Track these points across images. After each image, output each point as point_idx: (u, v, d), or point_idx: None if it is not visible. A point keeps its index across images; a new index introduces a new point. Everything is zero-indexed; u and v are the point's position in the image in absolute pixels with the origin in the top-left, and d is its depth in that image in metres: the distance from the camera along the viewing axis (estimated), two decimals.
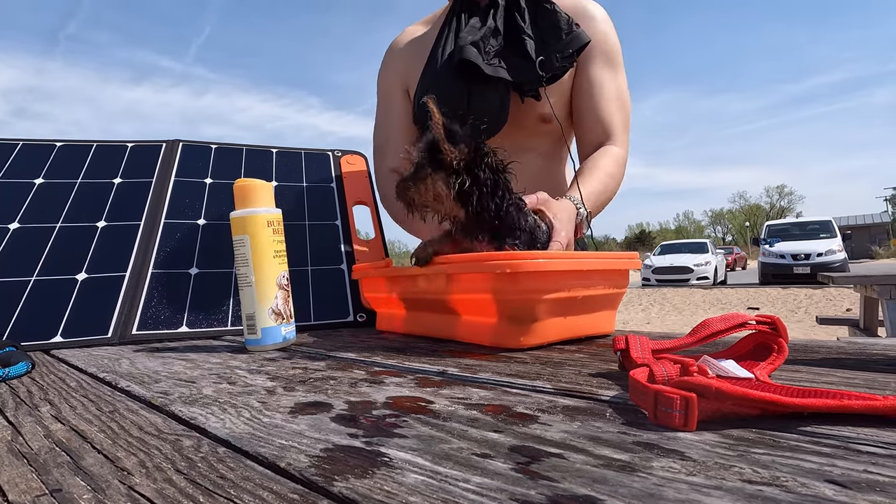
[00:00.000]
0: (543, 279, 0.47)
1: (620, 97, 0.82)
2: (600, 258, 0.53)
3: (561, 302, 0.49)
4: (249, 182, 0.59)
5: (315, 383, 0.39)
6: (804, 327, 4.86)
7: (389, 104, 0.94)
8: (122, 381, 0.43)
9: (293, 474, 0.22)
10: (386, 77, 0.95)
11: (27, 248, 0.72)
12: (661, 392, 0.25)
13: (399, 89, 0.93)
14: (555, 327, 0.50)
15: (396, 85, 0.93)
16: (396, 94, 0.93)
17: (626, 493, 0.18)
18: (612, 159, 0.80)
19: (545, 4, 0.76)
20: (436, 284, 0.56)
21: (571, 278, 0.50)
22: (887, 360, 0.38)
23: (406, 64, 0.91)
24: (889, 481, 0.18)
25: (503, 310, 0.49)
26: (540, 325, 0.49)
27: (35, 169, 0.83)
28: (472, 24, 0.77)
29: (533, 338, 0.49)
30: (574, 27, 0.75)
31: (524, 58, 0.74)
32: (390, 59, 0.95)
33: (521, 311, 0.48)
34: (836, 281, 2.96)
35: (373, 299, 0.70)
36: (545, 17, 0.76)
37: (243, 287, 0.57)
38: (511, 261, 0.46)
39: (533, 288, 0.47)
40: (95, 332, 0.65)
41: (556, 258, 0.48)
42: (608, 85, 0.81)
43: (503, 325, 0.50)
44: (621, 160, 0.81)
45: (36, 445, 0.27)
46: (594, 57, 0.81)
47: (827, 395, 0.25)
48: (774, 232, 11.23)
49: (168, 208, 0.82)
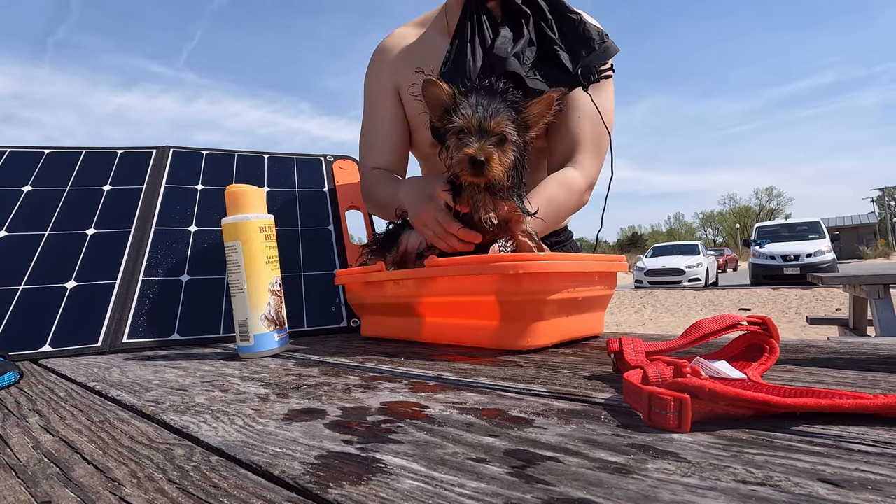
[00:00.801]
0: (547, 280, 0.48)
1: (594, 118, 0.81)
2: (595, 260, 0.54)
3: (563, 303, 0.50)
4: (241, 188, 0.58)
5: (309, 390, 0.39)
6: (795, 327, 4.91)
7: (377, 106, 0.94)
8: (112, 391, 0.42)
9: (287, 482, 0.22)
10: (375, 78, 0.94)
11: (15, 257, 0.72)
12: (654, 394, 0.26)
13: (389, 91, 0.93)
14: (556, 328, 0.51)
15: (387, 87, 0.93)
16: (386, 96, 0.93)
17: (621, 495, 0.18)
18: (561, 187, 0.79)
19: (570, 15, 0.76)
20: (429, 287, 0.56)
21: (573, 279, 0.50)
22: (877, 359, 0.38)
23: (396, 66, 0.91)
24: (881, 479, 0.18)
25: (506, 311, 0.49)
26: (542, 326, 0.49)
27: (23, 176, 0.82)
28: (503, 34, 0.76)
29: (536, 339, 0.49)
30: (605, 38, 0.75)
31: (560, 69, 0.74)
32: (380, 61, 0.94)
33: (524, 313, 0.49)
34: (825, 281, 2.99)
35: (357, 306, 0.69)
36: (571, 28, 0.76)
37: (235, 293, 0.57)
38: (517, 262, 0.46)
39: (538, 289, 0.47)
40: (85, 341, 0.64)
41: (559, 260, 0.49)
42: (586, 102, 0.81)
43: (506, 327, 0.50)
44: (576, 187, 0.80)
45: (24, 457, 0.27)
46: None
47: (818, 394, 0.25)
48: (764, 233, 11.36)
49: (159, 215, 0.81)
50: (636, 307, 7.72)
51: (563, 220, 0.83)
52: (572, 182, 0.80)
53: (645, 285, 11.46)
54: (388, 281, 0.60)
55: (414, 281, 0.57)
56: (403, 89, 0.90)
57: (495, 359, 0.47)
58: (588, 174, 0.82)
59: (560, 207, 0.79)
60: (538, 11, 0.77)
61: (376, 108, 0.93)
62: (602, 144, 0.83)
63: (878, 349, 0.41)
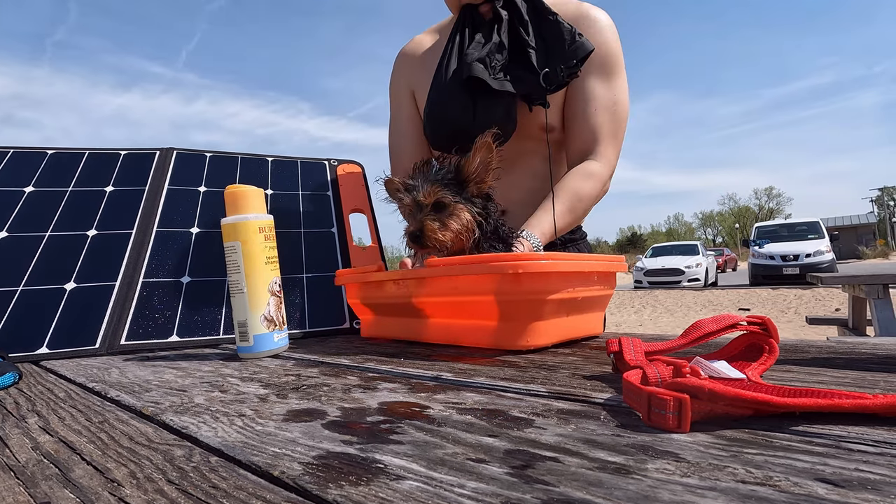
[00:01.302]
0: (547, 280, 0.48)
1: (611, 107, 0.83)
2: (595, 260, 0.54)
3: (563, 303, 0.50)
4: (240, 188, 0.58)
5: (308, 390, 0.39)
6: (794, 327, 4.91)
7: (399, 109, 0.98)
8: (111, 391, 0.42)
9: (287, 482, 0.22)
10: (395, 83, 0.99)
11: (15, 258, 0.71)
12: (654, 394, 0.26)
13: (406, 94, 0.97)
14: (557, 328, 0.51)
15: (403, 90, 0.97)
16: (404, 99, 0.97)
17: (621, 495, 0.18)
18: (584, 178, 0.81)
19: (549, 16, 0.77)
20: (428, 288, 0.56)
21: (573, 279, 0.50)
22: (876, 358, 0.38)
23: (412, 70, 0.95)
24: (880, 479, 0.19)
25: (505, 311, 0.49)
26: (543, 325, 0.49)
27: (25, 177, 0.82)
28: (476, 39, 0.79)
29: (537, 338, 0.49)
30: (577, 37, 0.76)
31: (529, 70, 0.76)
32: (399, 66, 0.99)
33: (524, 313, 0.49)
34: (824, 281, 2.99)
35: (357, 305, 0.69)
36: (549, 29, 0.77)
37: (235, 294, 0.57)
38: (516, 262, 0.46)
39: (538, 289, 0.48)
40: (82, 343, 0.64)
41: (558, 259, 0.49)
42: (600, 94, 0.82)
43: (505, 327, 0.50)
44: (598, 176, 0.82)
45: (23, 458, 0.27)
46: (590, 66, 0.81)
47: (818, 394, 0.25)
48: (763, 233, 11.36)
49: (161, 216, 0.81)
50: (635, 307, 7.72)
51: (587, 211, 0.85)
52: (594, 173, 0.82)
53: (644, 285, 11.52)
54: (388, 281, 0.61)
55: (413, 281, 0.57)
56: (418, 93, 0.94)
57: (495, 359, 0.47)
58: (610, 164, 0.84)
59: (582, 199, 0.81)
60: (517, 15, 0.79)
61: (397, 114, 0.98)
62: (619, 133, 0.85)
63: (878, 349, 0.41)
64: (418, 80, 0.92)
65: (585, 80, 0.82)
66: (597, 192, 0.83)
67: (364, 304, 0.67)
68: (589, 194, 0.81)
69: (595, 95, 0.82)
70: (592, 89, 0.82)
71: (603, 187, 0.84)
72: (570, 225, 0.81)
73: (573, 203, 0.80)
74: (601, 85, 0.83)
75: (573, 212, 0.80)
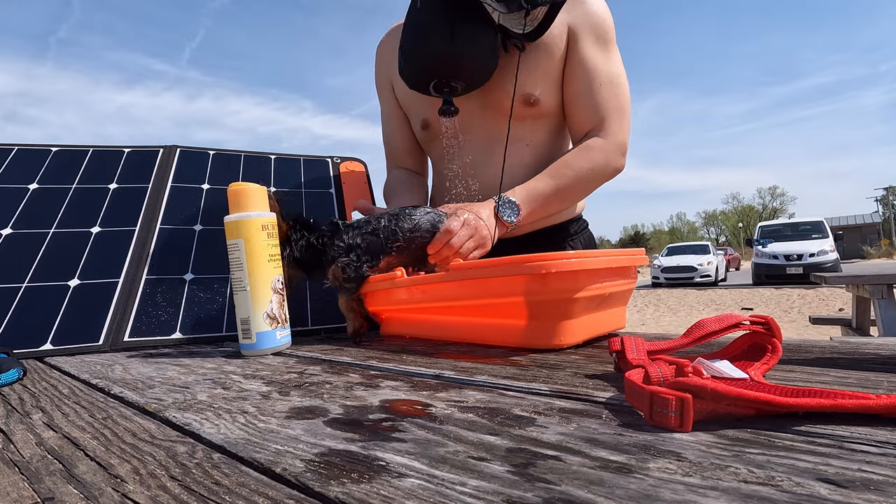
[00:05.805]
0: (575, 278, 0.47)
1: (613, 80, 0.80)
2: (620, 255, 0.53)
3: (592, 300, 0.50)
4: (243, 186, 0.59)
5: (310, 388, 0.39)
6: (797, 327, 4.89)
7: (383, 101, 0.97)
8: (115, 388, 0.42)
9: (289, 480, 0.22)
10: (376, 77, 0.98)
11: (19, 254, 0.72)
12: (656, 393, 0.26)
13: (388, 88, 0.96)
14: (586, 325, 0.51)
15: (384, 82, 0.96)
16: (385, 90, 0.96)
17: (622, 494, 0.18)
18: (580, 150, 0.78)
19: None
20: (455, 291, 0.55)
21: (600, 276, 0.50)
22: (880, 359, 0.38)
23: (389, 62, 0.92)
24: (883, 479, 0.18)
25: (535, 311, 0.49)
26: (573, 323, 0.49)
27: (30, 174, 0.82)
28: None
29: (569, 337, 0.49)
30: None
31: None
32: (378, 57, 0.97)
33: (554, 311, 0.48)
34: (828, 281, 2.98)
35: (379, 311, 0.67)
36: None
37: (238, 291, 0.57)
38: (544, 262, 0.46)
39: (566, 287, 0.47)
40: (86, 340, 0.65)
41: (586, 258, 0.48)
42: (601, 68, 0.79)
43: (536, 326, 0.50)
44: (598, 148, 0.79)
45: (28, 453, 0.27)
46: (586, 39, 0.79)
47: (821, 394, 0.25)
48: (767, 233, 11.32)
49: (164, 214, 0.82)
50: (638, 306, 7.71)
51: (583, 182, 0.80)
52: (592, 146, 0.79)
53: (661, 281, 12.60)
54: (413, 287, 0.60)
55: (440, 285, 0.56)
56: (395, 83, 0.93)
57: (497, 357, 0.47)
58: (616, 138, 0.80)
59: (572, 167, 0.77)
60: None
61: (383, 107, 0.98)
62: (625, 106, 0.81)
63: (881, 349, 0.41)
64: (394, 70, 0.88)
65: (586, 54, 0.79)
66: (594, 165, 0.79)
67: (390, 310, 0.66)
68: (581, 165, 0.78)
69: (599, 70, 0.79)
70: (595, 64, 0.79)
71: (606, 159, 0.79)
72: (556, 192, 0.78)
73: (559, 170, 0.77)
74: (602, 59, 0.80)
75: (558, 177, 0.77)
